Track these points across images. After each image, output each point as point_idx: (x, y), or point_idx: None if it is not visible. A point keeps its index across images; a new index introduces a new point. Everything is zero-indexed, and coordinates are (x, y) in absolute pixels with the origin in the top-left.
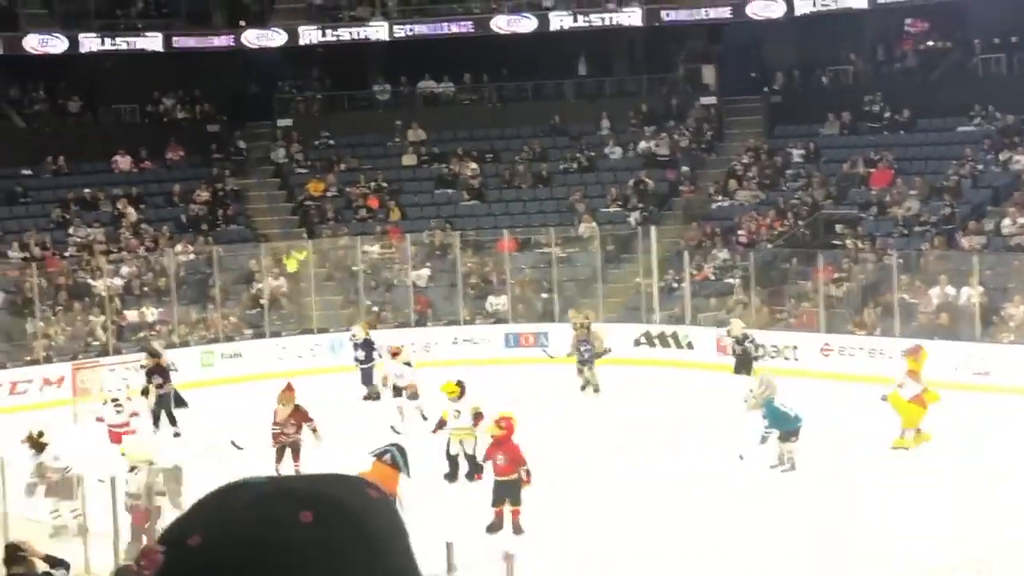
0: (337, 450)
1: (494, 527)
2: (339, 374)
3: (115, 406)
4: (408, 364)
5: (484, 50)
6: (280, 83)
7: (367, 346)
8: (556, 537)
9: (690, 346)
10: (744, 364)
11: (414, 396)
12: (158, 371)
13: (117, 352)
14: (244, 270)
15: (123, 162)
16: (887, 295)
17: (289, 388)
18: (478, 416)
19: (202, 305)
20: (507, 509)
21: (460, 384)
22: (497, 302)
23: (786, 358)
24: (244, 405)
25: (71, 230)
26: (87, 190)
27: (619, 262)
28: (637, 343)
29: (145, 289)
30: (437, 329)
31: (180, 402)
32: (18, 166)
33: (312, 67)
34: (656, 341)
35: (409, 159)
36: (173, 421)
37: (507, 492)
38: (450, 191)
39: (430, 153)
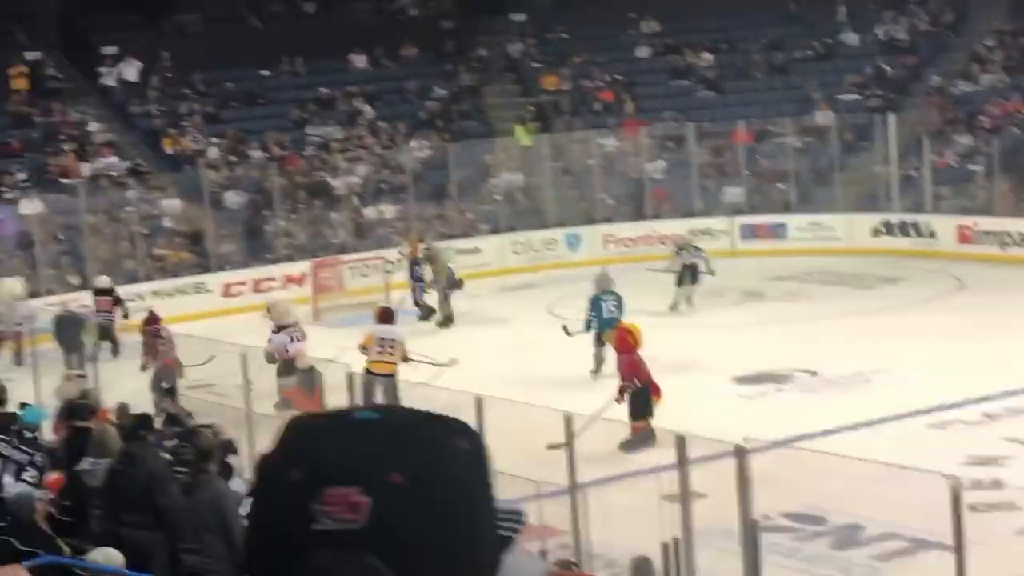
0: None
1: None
2: (576, 268)
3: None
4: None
5: None
6: None
7: (412, 264)
8: None
9: (932, 235)
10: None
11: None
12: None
13: (355, 250)
14: (480, 165)
15: (358, 60)
16: None
17: None
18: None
19: (439, 201)
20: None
21: None
22: (733, 193)
23: None
24: (483, 300)
25: (309, 129)
26: (323, 89)
27: (857, 151)
28: (876, 232)
29: (382, 186)
30: (672, 221)
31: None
32: (256, 67)
33: None
34: (896, 230)
35: (643, 51)
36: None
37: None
38: (685, 82)
39: (664, 45)
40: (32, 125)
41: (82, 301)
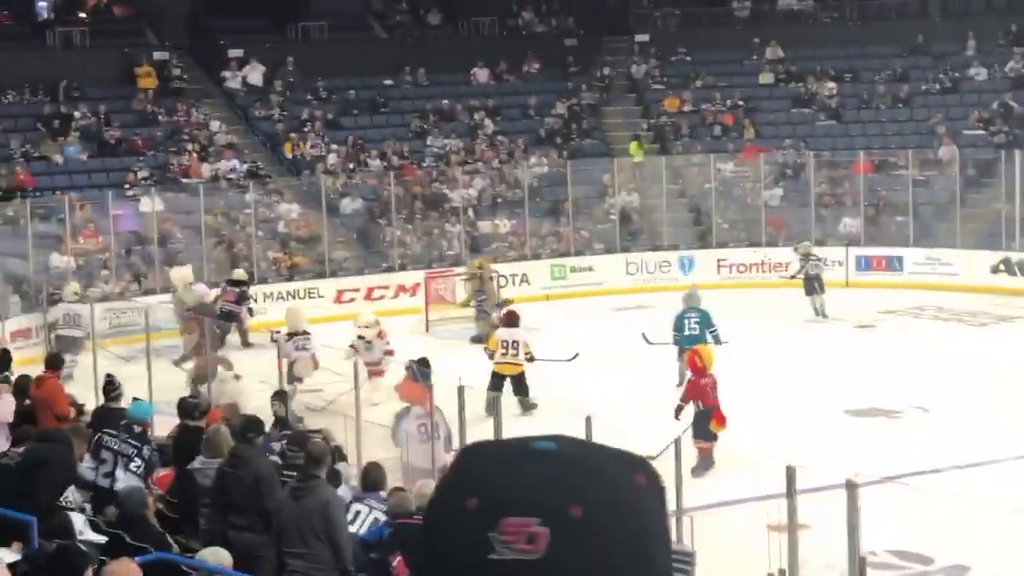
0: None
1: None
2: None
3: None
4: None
5: None
6: None
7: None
8: None
9: None
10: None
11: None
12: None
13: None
14: (597, 184)
15: (481, 74)
16: None
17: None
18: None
19: (554, 218)
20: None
21: None
22: (851, 224)
23: None
24: (594, 319)
25: (429, 140)
26: (445, 101)
27: (979, 187)
28: (995, 270)
29: (499, 200)
30: (787, 249)
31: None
32: (379, 76)
33: None
34: (1016, 269)
35: (766, 77)
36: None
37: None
38: (806, 110)
39: (787, 71)
40: (156, 124)
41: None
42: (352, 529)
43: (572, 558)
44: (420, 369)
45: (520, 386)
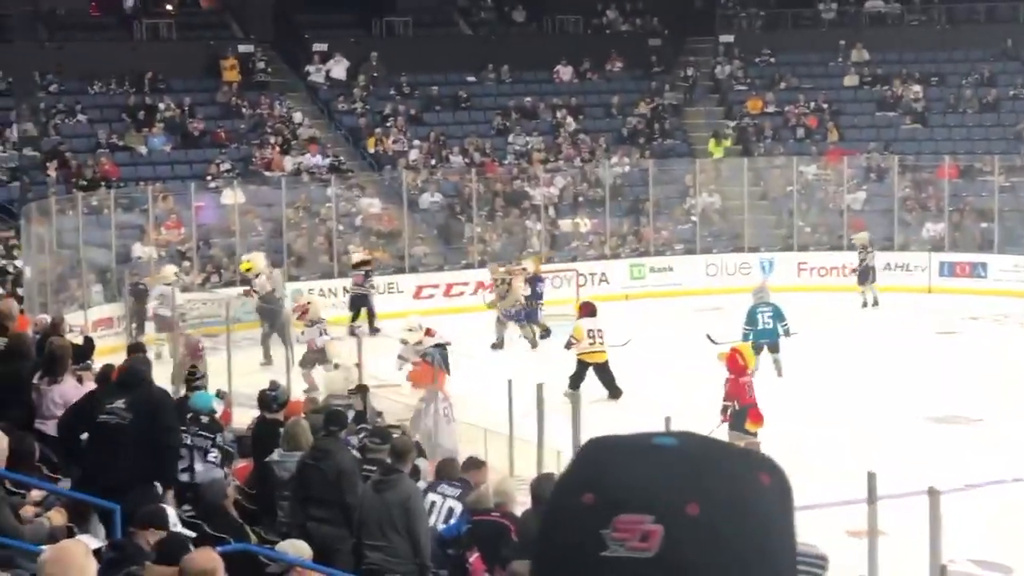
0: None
1: None
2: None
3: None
4: None
5: None
6: None
7: (535, 282)
8: None
9: None
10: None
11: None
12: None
13: (549, 260)
14: (678, 184)
15: (564, 72)
16: None
17: None
18: None
19: (635, 218)
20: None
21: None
22: (934, 229)
23: None
24: (673, 319)
25: (511, 138)
26: (528, 99)
27: None
28: None
29: (580, 199)
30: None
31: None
32: (463, 72)
33: None
34: None
35: (851, 80)
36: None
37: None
38: (891, 114)
39: (873, 74)
40: (240, 116)
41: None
42: (430, 522)
43: (686, 557)
44: (441, 354)
45: (605, 373)
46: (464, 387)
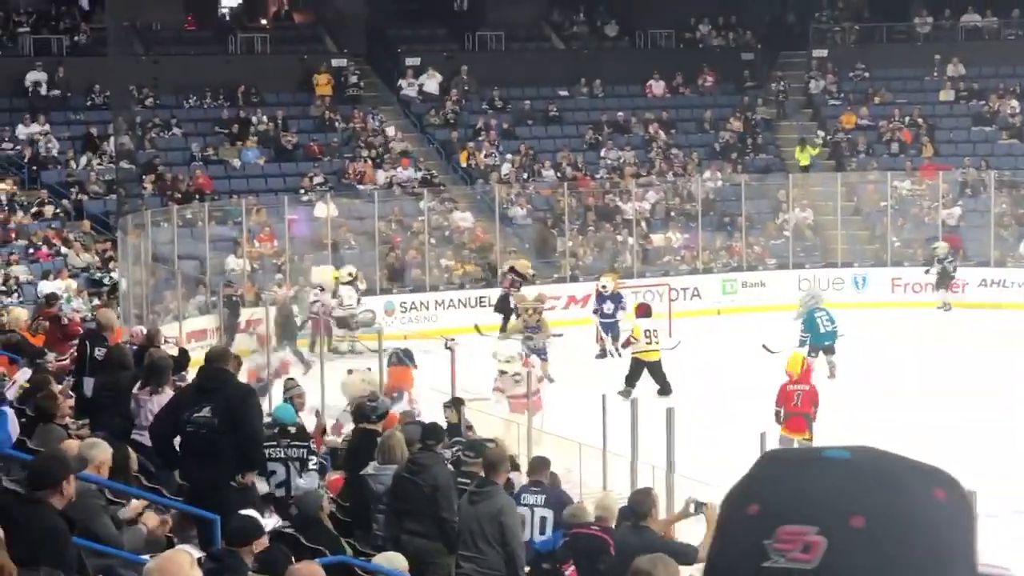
0: None
1: None
2: (863, 309)
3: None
4: None
5: None
6: (818, 13)
7: (616, 299)
8: None
9: None
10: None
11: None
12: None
13: (641, 275)
14: (771, 199)
15: (657, 87)
16: None
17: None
18: None
19: (727, 232)
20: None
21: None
22: None
23: None
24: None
25: (603, 152)
26: (620, 113)
27: None
28: None
29: (672, 214)
30: (964, 270)
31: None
32: (555, 87)
33: None
34: None
35: (946, 94)
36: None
37: None
38: (988, 129)
39: (969, 89)
40: (332, 130)
41: (368, 307)
42: (525, 534)
43: (849, 570)
44: (404, 353)
45: (657, 371)
46: (556, 400)
